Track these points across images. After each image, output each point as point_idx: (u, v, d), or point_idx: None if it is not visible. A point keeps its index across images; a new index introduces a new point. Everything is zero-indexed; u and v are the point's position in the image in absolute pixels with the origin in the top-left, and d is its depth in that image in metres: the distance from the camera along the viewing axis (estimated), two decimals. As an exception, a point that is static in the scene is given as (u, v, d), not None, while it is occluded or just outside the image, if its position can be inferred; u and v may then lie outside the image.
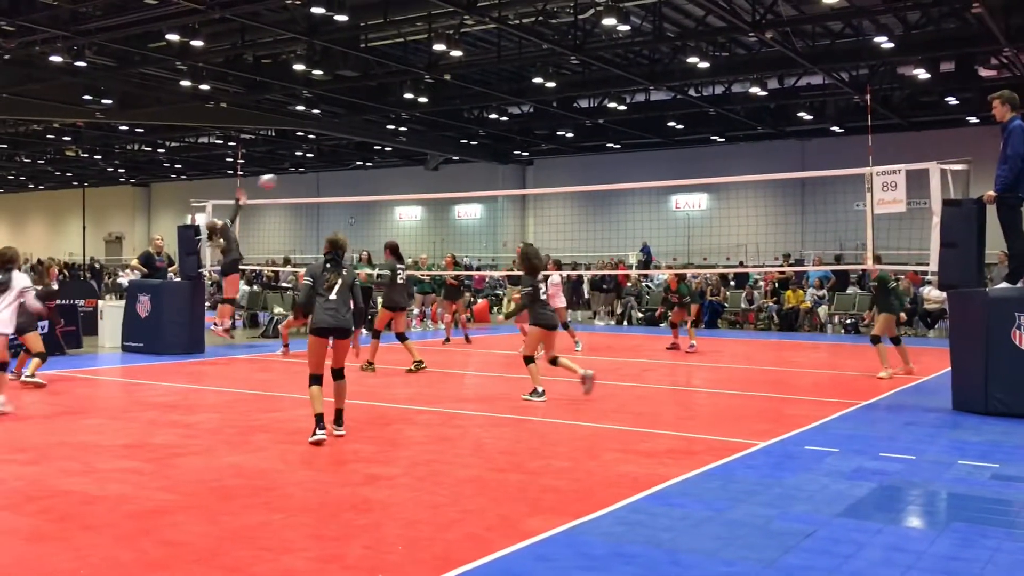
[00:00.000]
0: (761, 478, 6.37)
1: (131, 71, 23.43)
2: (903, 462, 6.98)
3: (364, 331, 14.14)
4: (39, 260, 12.57)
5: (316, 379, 7.61)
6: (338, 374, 7.73)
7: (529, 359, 9.99)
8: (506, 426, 8.46)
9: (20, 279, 9.02)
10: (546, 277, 10.88)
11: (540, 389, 9.87)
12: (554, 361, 10.00)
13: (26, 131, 34.09)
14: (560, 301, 15.35)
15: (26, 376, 10.62)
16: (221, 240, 14.53)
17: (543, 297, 10.17)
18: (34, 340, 10.45)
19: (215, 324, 14.84)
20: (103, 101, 26.01)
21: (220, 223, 14.71)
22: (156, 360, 13.69)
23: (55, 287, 13.19)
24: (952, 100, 25.39)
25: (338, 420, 7.66)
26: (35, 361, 10.60)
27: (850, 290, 22.34)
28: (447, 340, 17.25)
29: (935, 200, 9.64)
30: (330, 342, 7.73)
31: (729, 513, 5.48)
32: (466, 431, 8.18)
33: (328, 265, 7.69)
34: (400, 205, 40.97)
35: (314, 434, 7.38)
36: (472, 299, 25.16)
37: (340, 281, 7.60)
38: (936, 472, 6.68)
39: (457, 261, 18.06)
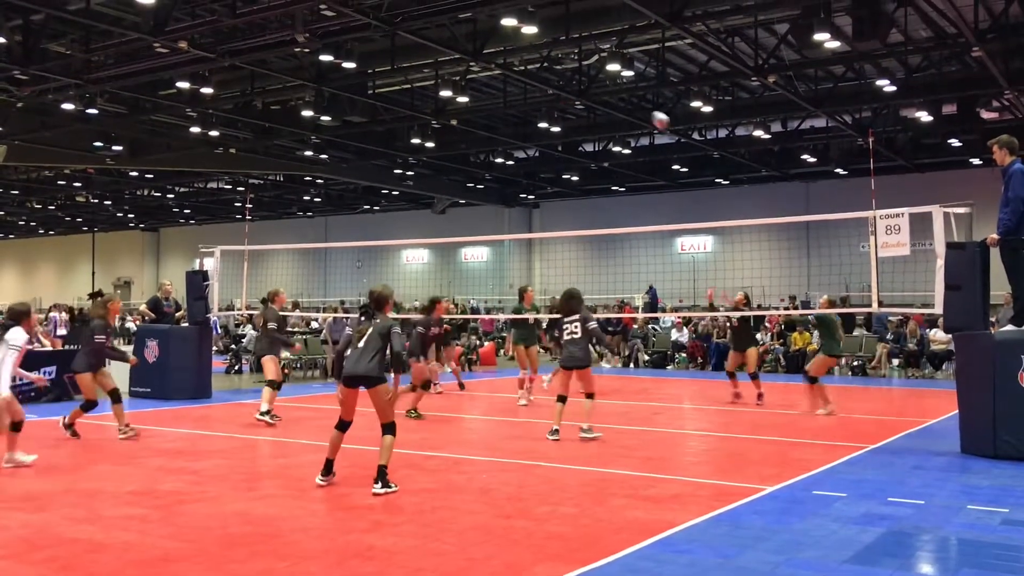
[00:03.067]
0: (768, 524, 6.34)
1: (141, 118, 23.77)
2: (912, 507, 6.94)
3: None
4: (99, 291, 11.97)
5: (339, 424, 7.64)
6: (384, 428, 7.43)
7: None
8: (513, 471, 8.43)
9: (14, 336, 8.43)
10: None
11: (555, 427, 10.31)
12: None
13: (38, 177, 34.51)
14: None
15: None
16: None
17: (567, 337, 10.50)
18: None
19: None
20: (114, 148, 26.34)
21: None
22: (163, 405, 13.70)
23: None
24: (955, 142, 25.56)
25: (377, 476, 7.30)
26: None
27: (856, 332, 22.28)
28: (462, 386, 17.05)
29: (939, 243, 9.68)
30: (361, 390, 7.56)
31: (737, 560, 5.45)
32: (472, 477, 8.15)
33: (362, 318, 7.69)
34: (407, 248, 41.21)
35: (318, 476, 7.56)
36: (478, 342, 25.18)
37: (371, 329, 7.50)
38: (945, 517, 6.64)
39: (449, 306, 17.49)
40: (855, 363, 20.81)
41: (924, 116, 22.05)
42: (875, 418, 12.66)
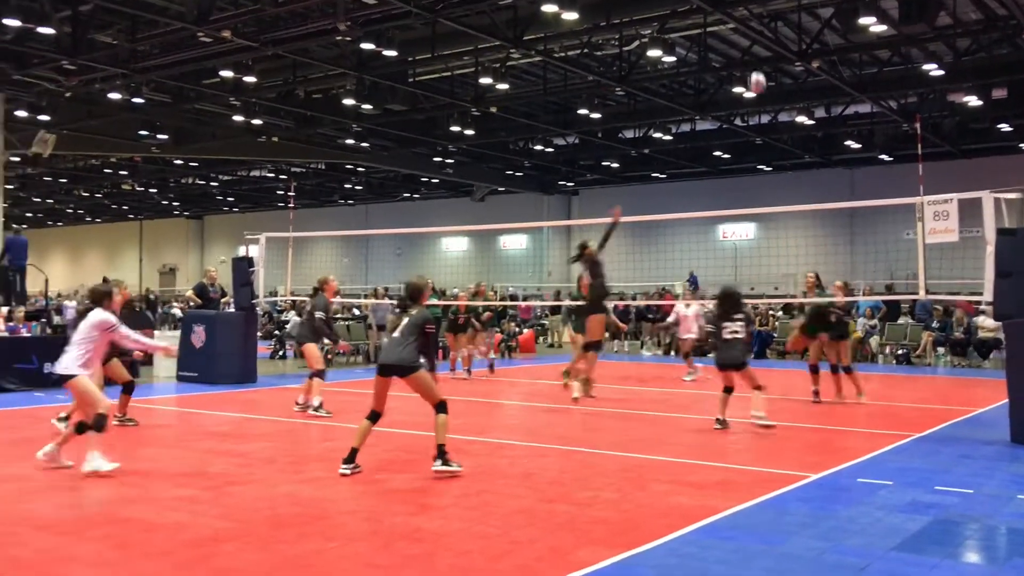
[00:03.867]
0: (813, 511, 6.32)
1: (186, 107, 24.07)
2: (960, 496, 6.87)
3: None
4: (105, 279, 10.89)
5: (369, 415, 7.55)
6: (436, 408, 7.53)
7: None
8: (554, 456, 8.47)
9: (96, 317, 7.76)
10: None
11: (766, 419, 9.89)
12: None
13: (85, 166, 35.13)
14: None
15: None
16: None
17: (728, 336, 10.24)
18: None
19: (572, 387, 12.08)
20: (159, 136, 26.73)
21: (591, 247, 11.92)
22: (210, 390, 13.93)
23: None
24: (1004, 127, 25.04)
25: (437, 455, 7.45)
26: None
27: (901, 320, 22.01)
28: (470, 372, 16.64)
29: (989, 229, 9.52)
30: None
31: (781, 546, 5.44)
32: (515, 461, 8.21)
33: (397, 309, 7.78)
34: (446, 236, 41.36)
35: (342, 466, 7.41)
36: (517, 329, 25.23)
37: (405, 320, 7.54)
38: (994, 506, 6.56)
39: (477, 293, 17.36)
40: (900, 351, 20.54)
41: (973, 101, 21.61)
42: (920, 406, 12.51)
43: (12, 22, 16.01)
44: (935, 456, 8.59)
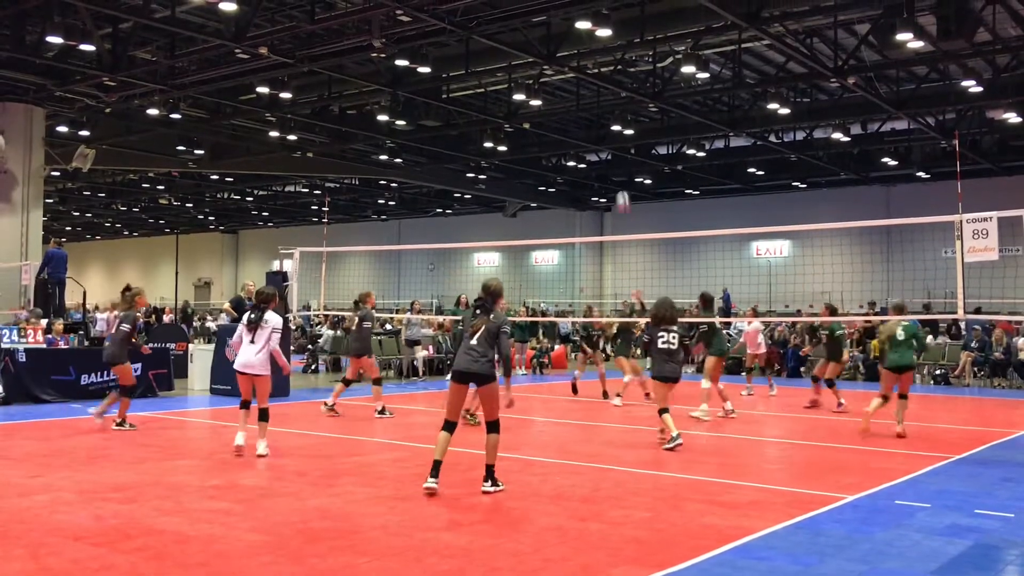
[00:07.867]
0: (849, 532, 6.21)
1: (222, 123, 24.39)
2: (1001, 520, 6.72)
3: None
4: (128, 287, 11.61)
5: (446, 425, 7.44)
6: (490, 427, 7.43)
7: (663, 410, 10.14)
8: (585, 474, 8.41)
9: (274, 319, 9.19)
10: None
11: (676, 434, 9.88)
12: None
13: (123, 180, 35.67)
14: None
15: None
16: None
17: (663, 347, 10.42)
18: None
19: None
20: (196, 151, 27.08)
21: None
22: (243, 403, 13.98)
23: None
24: (1046, 144, 24.69)
25: (486, 476, 7.41)
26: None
27: (940, 340, 21.67)
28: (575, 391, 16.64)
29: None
30: (471, 389, 7.68)
31: (817, 568, 5.35)
32: (546, 478, 8.16)
33: (477, 311, 7.52)
34: (479, 251, 41.44)
35: (427, 480, 7.25)
36: (550, 345, 25.19)
37: (484, 327, 7.38)
38: (1036, 531, 6.41)
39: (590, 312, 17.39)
40: (937, 372, 20.21)
41: (1012, 117, 21.33)
42: (959, 428, 12.30)
43: (55, 39, 16.32)
44: (975, 478, 8.42)
